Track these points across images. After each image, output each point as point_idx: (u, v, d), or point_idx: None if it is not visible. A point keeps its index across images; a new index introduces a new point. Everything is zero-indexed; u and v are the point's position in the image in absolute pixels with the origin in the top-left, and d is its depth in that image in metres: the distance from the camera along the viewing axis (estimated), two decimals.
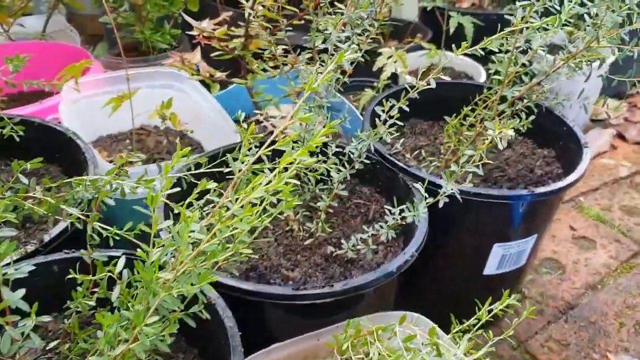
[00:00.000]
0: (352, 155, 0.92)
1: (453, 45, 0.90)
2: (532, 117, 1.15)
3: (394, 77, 1.66)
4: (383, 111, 0.94)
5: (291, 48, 1.10)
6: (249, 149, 0.83)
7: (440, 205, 0.92)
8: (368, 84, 1.84)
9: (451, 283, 1.22)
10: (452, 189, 0.90)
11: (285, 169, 0.63)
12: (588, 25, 0.91)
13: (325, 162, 0.97)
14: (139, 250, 0.67)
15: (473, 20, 1.67)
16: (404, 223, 0.93)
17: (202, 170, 0.89)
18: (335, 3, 0.98)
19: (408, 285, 1.26)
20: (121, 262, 0.72)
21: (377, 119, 0.96)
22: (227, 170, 0.78)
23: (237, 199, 0.62)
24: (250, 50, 1.17)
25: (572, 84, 1.22)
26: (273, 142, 0.62)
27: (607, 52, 0.99)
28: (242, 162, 0.73)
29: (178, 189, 0.73)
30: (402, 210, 0.89)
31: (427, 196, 0.94)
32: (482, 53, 0.94)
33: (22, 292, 0.65)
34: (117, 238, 0.76)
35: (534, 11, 1.00)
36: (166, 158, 1.32)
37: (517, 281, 1.30)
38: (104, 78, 1.38)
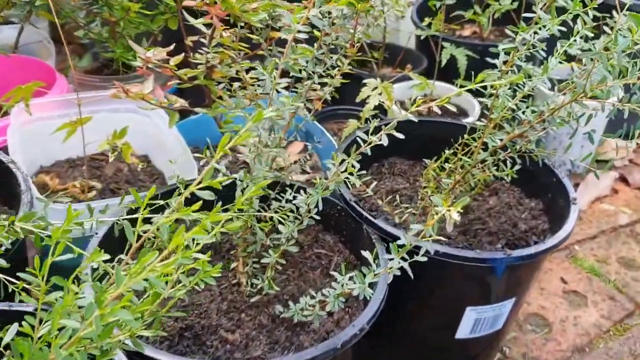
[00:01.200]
0: (300, 210, 0.82)
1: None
2: (517, 167, 1.05)
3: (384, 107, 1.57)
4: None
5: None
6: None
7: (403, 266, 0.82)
8: (356, 113, 1.75)
9: (422, 346, 1.11)
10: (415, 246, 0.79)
11: (188, 246, 0.53)
12: (576, 77, 0.81)
13: (278, 210, 0.87)
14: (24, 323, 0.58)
15: (467, 53, 1.57)
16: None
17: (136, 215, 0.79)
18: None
19: (377, 346, 1.15)
20: (12, 330, 0.62)
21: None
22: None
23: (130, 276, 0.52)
24: (213, 80, 1.07)
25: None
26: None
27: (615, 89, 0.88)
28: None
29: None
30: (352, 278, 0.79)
31: (390, 258, 0.83)
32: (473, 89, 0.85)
33: None
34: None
35: (518, 56, 0.90)
36: (123, 188, 1.23)
37: (495, 344, 1.19)
38: (63, 100, 1.30)
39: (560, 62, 0.99)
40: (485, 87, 1.00)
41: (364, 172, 1.06)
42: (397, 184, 1.22)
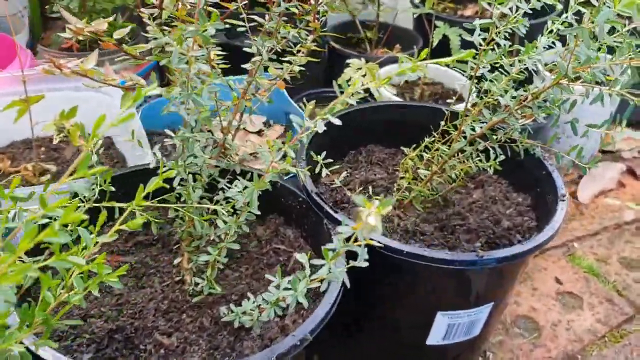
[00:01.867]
0: (237, 204, 0.73)
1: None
2: (500, 158, 0.94)
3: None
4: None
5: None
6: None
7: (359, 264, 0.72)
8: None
9: (391, 351, 1.02)
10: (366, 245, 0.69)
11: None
12: (560, 57, 0.70)
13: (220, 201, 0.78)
14: None
15: (461, 33, 1.45)
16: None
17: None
18: None
19: (345, 346, 1.07)
20: None
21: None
22: None
23: None
24: (167, 56, 0.98)
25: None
26: None
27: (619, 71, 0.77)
28: None
29: None
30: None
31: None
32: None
33: None
34: None
35: (497, 32, 0.79)
36: None
37: (473, 351, 1.10)
38: (19, 76, 1.21)
39: (552, 43, 0.88)
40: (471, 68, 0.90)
41: (331, 160, 0.96)
42: (373, 174, 1.12)
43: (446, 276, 0.87)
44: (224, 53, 0.88)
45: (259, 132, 1.43)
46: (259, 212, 0.72)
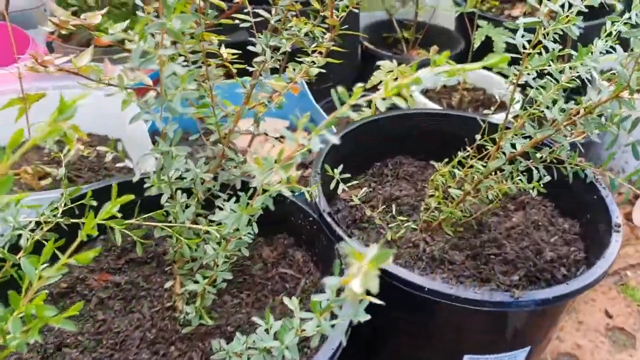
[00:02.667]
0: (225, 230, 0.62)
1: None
2: (544, 180, 0.81)
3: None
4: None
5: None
6: None
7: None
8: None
9: None
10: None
11: None
12: (620, 65, 0.57)
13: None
14: None
15: (507, 34, 1.31)
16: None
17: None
18: None
19: None
20: None
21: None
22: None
23: None
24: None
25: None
26: None
27: None
28: None
29: None
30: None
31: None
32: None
33: None
34: None
35: (545, 34, 0.67)
36: (84, 177, 1.07)
37: None
38: (28, 72, 1.15)
39: (612, 47, 0.75)
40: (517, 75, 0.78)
41: (349, 175, 0.85)
42: (399, 190, 1.01)
43: (475, 317, 0.75)
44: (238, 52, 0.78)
45: (281, 138, 1.33)
46: (250, 240, 0.62)
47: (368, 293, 0.46)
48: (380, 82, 1.21)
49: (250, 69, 0.74)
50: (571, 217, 0.96)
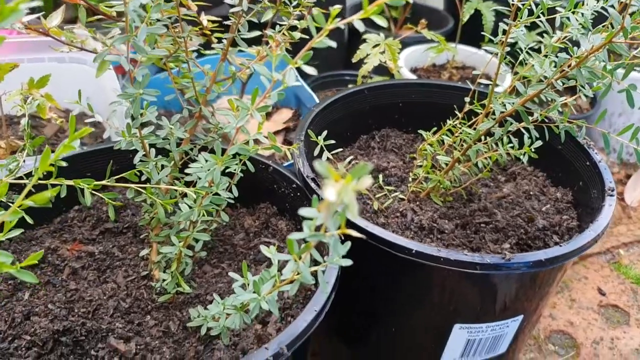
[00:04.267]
0: (198, 184, 0.59)
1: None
2: (536, 144, 0.79)
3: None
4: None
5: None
6: None
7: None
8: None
9: None
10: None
11: None
12: (612, 8, 0.55)
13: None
14: None
15: (496, 7, 1.29)
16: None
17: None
18: None
19: (353, 352, 0.93)
20: None
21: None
22: None
23: None
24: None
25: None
26: None
27: None
28: None
29: None
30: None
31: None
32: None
33: None
34: None
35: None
36: None
37: None
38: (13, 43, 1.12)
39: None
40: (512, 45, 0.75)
41: (334, 142, 0.82)
42: (386, 162, 0.97)
43: (465, 282, 0.72)
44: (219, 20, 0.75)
45: (267, 116, 1.30)
46: (231, 195, 0.59)
47: (347, 237, 0.43)
48: (367, 55, 1.19)
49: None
50: (563, 186, 0.93)
